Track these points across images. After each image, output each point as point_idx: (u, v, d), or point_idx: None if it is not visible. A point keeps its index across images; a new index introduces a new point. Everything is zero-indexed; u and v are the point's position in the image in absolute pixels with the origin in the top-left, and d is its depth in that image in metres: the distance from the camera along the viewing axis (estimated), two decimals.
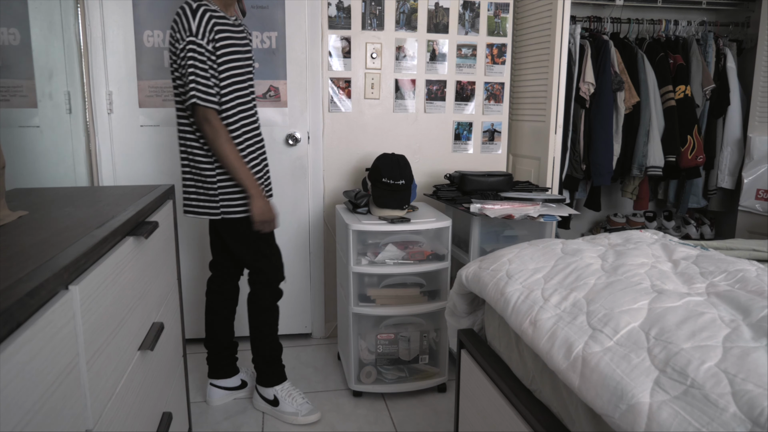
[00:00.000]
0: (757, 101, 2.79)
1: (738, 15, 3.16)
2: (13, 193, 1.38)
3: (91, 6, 2.26)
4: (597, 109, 2.76)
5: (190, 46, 1.64)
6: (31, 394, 0.64)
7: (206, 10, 1.66)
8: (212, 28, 1.67)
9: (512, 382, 1.19)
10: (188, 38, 1.64)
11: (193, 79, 1.65)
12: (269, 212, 1.80)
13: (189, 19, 1.64)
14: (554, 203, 2.19)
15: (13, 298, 0.62)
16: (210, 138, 1.69)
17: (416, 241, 2.12)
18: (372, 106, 2.57)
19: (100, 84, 2.33)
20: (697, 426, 0.71)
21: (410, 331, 2.12)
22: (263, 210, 1.78)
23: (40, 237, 0.91)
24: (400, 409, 2.06)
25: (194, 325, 2.57)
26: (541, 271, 1.25)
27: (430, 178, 2.67)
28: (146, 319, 1.18)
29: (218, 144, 1.70)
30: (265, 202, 1.79)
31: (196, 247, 2.51)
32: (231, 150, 1.71)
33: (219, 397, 2.08)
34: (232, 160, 1.71)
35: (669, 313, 0.95)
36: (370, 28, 2.50)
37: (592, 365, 0.88)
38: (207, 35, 1.66)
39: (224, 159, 1.71)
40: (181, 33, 1.65)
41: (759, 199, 2.76)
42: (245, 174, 1.74)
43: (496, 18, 2.61)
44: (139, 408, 1.09)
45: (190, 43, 1.64)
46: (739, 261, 1.22)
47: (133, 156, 2.41)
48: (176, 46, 1.68)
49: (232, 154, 1.71)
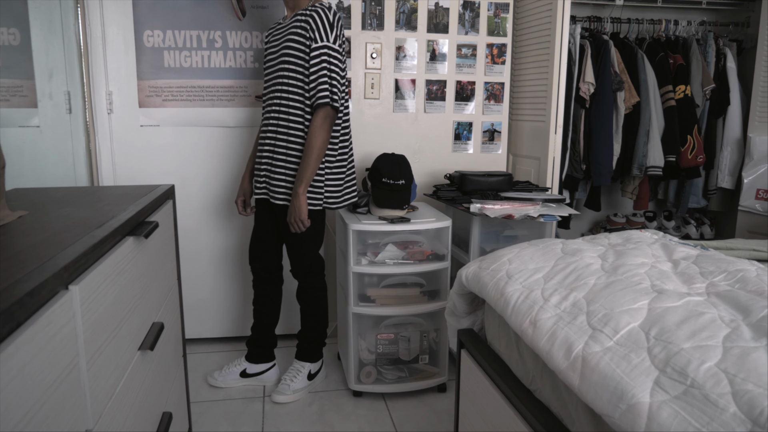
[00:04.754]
0: (757, 101, 2.79)
1: (738, 15, 3.16)
2: (13, 193, 1.38)
3: (91, 6, 2.26)
4: (597, 109, 2.76)
5: (324, 50, 1.85)
6: (31, 394, 0.64)
7: (340, 17, 1.93)
8: (341, 34, 1.92)
9: (512, 382, 1.19)
10: (323, 42, 1.85)
11: (327, 80, 1.85)
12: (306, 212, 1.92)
13: (327, 22, 1.85)
14: (554, 203, 2.19)
15: (13, 298, 0.62)
16: (324, 137, 1.87)
17: (416, 241, 2.12)
18: (372, 106, 2.57)
19: (100, 84, 2.33)
20: (697, 426, 0.71)
21: (410, 331, 2.12)
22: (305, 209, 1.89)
23: (40, 237, 0.91)
24: (400, 409, 2.06)
25: (194, 325, 2.57)
26: (541, 271, 1.25)
27: (430, 178, 2.67)
28: (146, 319, 1.18)
29: (322, 141, 1.87)
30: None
31: (196, 247, 2.51)
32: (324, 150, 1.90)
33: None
34: (319, 158, 1.88)
35: (669, 313, 0.95)
36: (370, 27, 2.50)
37: (592, 365, 0.88)
38: (339, 39, 1.89)
39: (318, 155, 1.87)
40: (321, 32, 1.84)
41: (759, 199, 2.76)
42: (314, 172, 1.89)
43: (496, 18, 2.61)
44: (139, 408, 1.09)
45: (325, 47, 1.85)
46: (739, 261, 1.22)
47: (133, 156, 2.41)
48: (309, 39, 1.85)
49: (322, 153, 1.89)
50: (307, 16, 1.86)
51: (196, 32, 2.37)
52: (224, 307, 2.58)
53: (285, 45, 1.90)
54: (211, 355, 2.48)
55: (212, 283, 2.55)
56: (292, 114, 1.92)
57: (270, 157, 1.96)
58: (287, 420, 1.98)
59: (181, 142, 2.43)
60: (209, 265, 2.53)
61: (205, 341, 2.60)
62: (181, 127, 2.42)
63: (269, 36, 2.04)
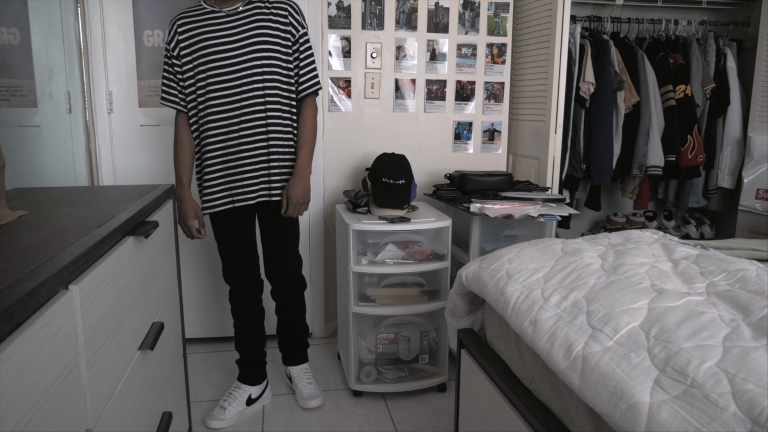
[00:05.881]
0: (757, 101, 2.79)
1: (738, 14, 3.16)
2: (13, 193, 1.38)
3: (91, 6, 2.26)
4: (597, 109, 2.76)
5: (308, 36, 1.85)
6: (31, 394, 0.64)
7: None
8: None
9: (512, 381, 1.19)
10: (305, 29, 1.84)
11: (315, 66, 1.86)
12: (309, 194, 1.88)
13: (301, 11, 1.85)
14: (554, 203, 2.19)
15: (13, 298, 0.62)
16: (315, 121, 1.88)
17: (416, 240, 2.12)
18: (372, 106, 2.56)
19: (100, 84, 2.33)
20: (697, 426, 0.71)
21: (410, 331, 2.12)
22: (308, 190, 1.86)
23: (40, 237, 0.91)
24: (400, 408, 2.06)
25: (194, 325, 2.57)
26: (541, 271, 1.25)
27: (430, 178, 2.67)
28: (146, 318, 1.18)
29: (315, 125, 1.88)
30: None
31: (197, 247, 2.51)
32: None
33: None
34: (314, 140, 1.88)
35: (669, 312, 0.95)
36: (370, 27, 2.50)
37: (592, 365, 0.88)
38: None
39: (314, 140, 1.87)
40: (300, 21, 1.83)
41: (759, 198, 2.76)
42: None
43: (496, 18, 2.61)
44: (139, 408, 1.09)
45: (307, 34, 1.85)
46: (739, 261, 1.22)
47: (133, 156, 2.41)
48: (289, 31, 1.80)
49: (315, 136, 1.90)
50: (278, 3, 1.79)
51: None
52: (224, 307, 2.58)
53: (259, 34, 1.75)
54: (211, 355, 2.48)
55: (212, 283, 2.55)
56: (282, 105, 1.81)
57: (265, 154, 1.80)
58: (287, 419, 1.98)
59: None
60: (209, 265, 2.53)
61: (205, 341, 2.60)
62: None
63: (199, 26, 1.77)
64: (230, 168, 1.80)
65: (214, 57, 1.75)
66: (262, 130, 1.79)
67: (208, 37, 1.76)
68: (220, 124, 1.78)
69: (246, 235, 1.92)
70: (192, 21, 1.78)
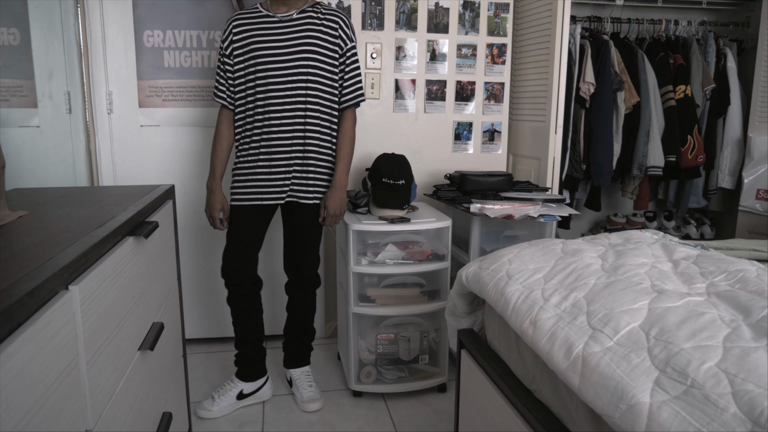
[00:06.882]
0: (758, 101, 2.79)
1: (738, 15, 3.16)
2: (13, 193, 1.38)
3: (91, 6, 2.26)
4: (597, 109, 2.76)
5: (356, 50, 1.93)
6: (31, 394, 0.64)
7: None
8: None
9: (512, 382, 1.19)
10: (354, 43, 1.92)
11: (360, 80, 1.95)
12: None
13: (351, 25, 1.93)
14: (554, 203, 2.19)
15: (13, 298, 0.62)
16: (353, 134, 1.96)
17: (416, 241, 2.12)
18: (372, 106, 2.56)
19: (100, 84, 2.33)
20: (698, 426, 0.70)
21: (410, 331, 2.12)
22: (345, 202, 1.95)
23: (40, 237, 0.91)
24: (400, 409, 2.05)
25: (194, 326, 2.57)
26: (541, 271, 1.25)
27: (430, 178, 2.67)
28: (146, 319, 1.18)
29: (353, 138, 1.96)
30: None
31: (196, 247, 2.51)
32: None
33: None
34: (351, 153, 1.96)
35: (669, 313, 0.95)
36: (370, 27, 2.50)
37: (593, 365, 0.88)
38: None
39: (351, 153, 1.95)
40: (349, 35, 1.91)
41: (759, 199, 2.76)
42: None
43: (496, 18, 2.61)
44: (139, 408, 1.09)
45: (355, 48, 1.93)
46: (740, 261, 1.22)
47: (133, 156, 2.41)
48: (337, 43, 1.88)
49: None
50: (330, 16, 1.88)
51: (196, 32, 2.37)
52: (224, 307, 2.58)
53: (308, 42, 1.84)
54: (211, 355, 2.48)
55: (212, 284, 2.55)
56: (323, 113, 1.90)
57: (300, 158, 1.88)
58: (287, 420, 1.98)
59: (181, 142, 2.43)
60: (209, 265, 2.53)
61: (205, 341, 2.60)
62: (181, 127, 2.42)
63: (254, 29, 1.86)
64: (263, 167, 1.90)
65: (263, 60, 1.85)
66: (299, 135, 1.88)
67: (260, 41, 1.85)
68: (262, 125, 1.88)
69: (254, 231, 1.95)
70: (247, 23, 1.88)
